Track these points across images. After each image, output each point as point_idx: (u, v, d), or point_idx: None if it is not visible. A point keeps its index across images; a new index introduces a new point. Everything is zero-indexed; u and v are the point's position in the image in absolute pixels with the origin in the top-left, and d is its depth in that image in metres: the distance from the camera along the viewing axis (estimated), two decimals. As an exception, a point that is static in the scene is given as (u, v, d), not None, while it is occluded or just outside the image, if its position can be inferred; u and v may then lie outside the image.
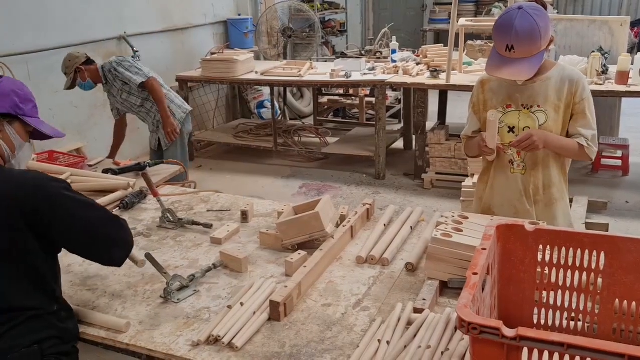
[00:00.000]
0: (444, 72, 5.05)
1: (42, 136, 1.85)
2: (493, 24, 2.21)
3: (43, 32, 4.80)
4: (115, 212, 2.64)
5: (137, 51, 5.61)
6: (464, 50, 5.36)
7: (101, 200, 2.62)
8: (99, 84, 4.20)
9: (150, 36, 5.96)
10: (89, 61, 4.14)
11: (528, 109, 2.25)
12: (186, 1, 6.52)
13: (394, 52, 5.91)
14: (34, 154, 3.14)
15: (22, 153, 1.78)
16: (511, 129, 2.27)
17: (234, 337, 1.66)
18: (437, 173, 5.25)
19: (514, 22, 2.05)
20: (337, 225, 2.28)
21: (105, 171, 3.04)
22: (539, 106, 2.24)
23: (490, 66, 2.17)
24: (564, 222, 2.40)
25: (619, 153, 5.39)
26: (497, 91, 2.33)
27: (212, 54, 6.44)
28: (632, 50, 6.53)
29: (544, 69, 2.24)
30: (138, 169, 3.05)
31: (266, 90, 6.95)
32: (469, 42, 5.45)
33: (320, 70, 5.84)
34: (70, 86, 4.14)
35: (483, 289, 1.36)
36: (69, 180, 2.78)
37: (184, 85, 6.01)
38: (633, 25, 7.19)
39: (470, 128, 2.47)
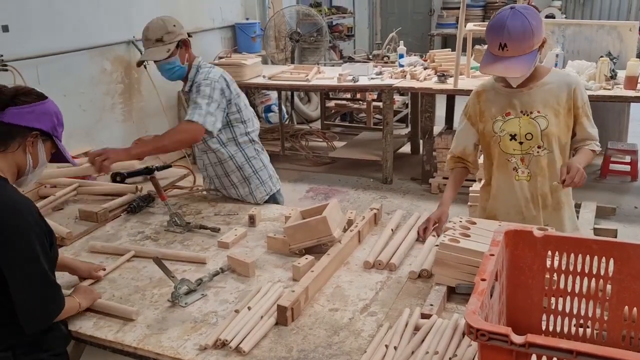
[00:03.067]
0: (451, 76, 5.04)
1: (57, 160, 1.89)
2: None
3: (52, 36, 4.82)
4: (123, 215, 2.65)
5: (145, 55, 5.63)
6: (471, 55, 5.35)
7: (109, 204, 2.64)
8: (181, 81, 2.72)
9: (158, 40, 5.98)
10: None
11: (528, 115, 2.24)
12: (194, 5, 6.54)
13: (401, 56, 5.90)
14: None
15: (39, 171, 1.81)
16: (513, 137, 2.26)
17: (242, 341, 1.67)
18: (444, 178, 5.23)
19: (506, 21, 2.07)
20: (345, 230, 2.28)
21: (114, 175, 3.05)
22: (538, 112, 2.23)
23: (483, 65, 2.17)
24: (571, 225, 2.39)
25: (628, 158, 5.36)
26: (494, 100, 2.31)
27: (220, 57, 6.47)
28: (640, 55, 6.49)
29: (539, 74, 2.24)
30: (146, 172, 3.06)
31: (274, 94, 6.96)
32: (477, 46, 5.44)
33: (328, 75, 5.84)
34: (152, 59, 2.63)
35: (491, 295, 1.36)
36: (76, 184, 2.82)
37: (192, 89, 6.03)
38: (642, 30, 7.15)
39: (460, 145, 2.40)
